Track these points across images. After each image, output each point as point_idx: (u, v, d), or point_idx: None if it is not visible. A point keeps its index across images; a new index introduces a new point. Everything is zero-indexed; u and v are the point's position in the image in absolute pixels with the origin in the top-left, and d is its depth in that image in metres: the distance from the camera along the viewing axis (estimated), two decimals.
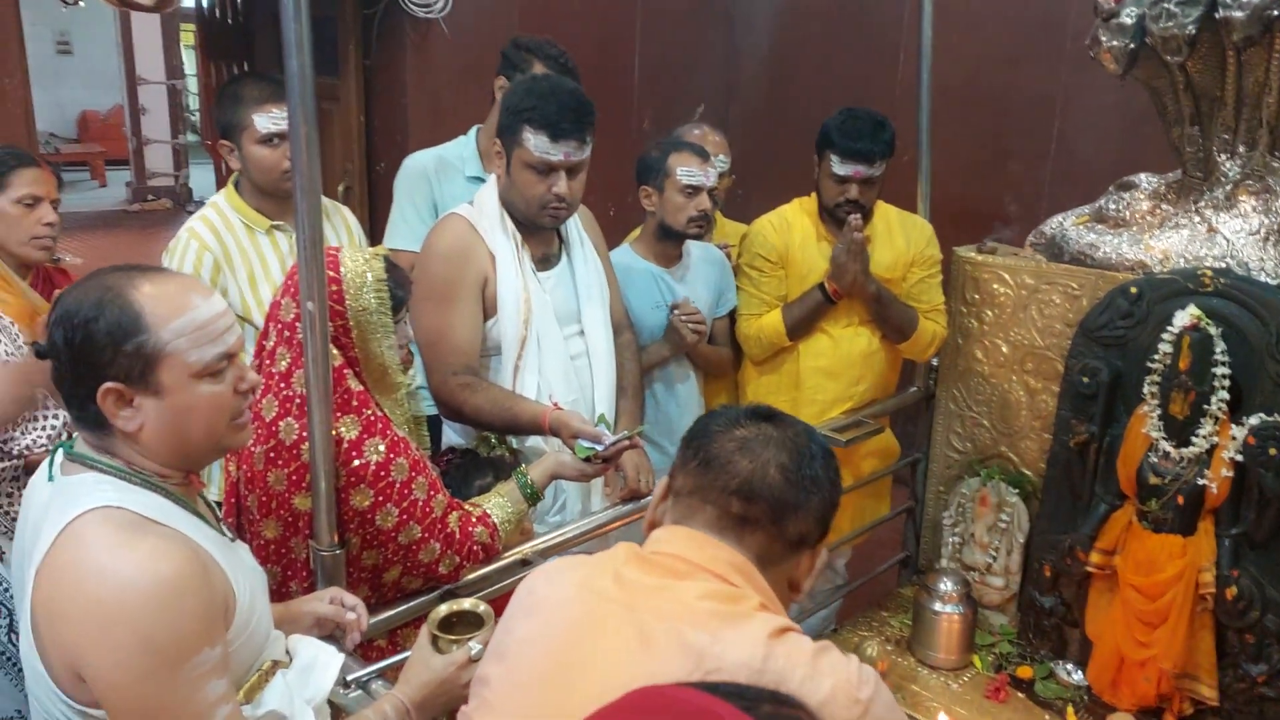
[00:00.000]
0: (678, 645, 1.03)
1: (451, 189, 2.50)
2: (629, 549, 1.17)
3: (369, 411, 1.60)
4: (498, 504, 1.78)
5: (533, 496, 1.82)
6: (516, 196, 2.03)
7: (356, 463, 1.56)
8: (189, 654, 1.09)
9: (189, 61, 10.80)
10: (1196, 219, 2.26)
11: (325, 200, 2.46)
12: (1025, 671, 2.35)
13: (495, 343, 2.05)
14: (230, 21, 4.73)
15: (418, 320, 2.07)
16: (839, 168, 2.46)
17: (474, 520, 1.73)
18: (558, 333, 2.08)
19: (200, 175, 10.76)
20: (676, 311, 2.46)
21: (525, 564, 1.82)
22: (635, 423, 2.19)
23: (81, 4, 7.90)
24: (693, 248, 2.60)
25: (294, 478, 1.56)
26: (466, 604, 1.44)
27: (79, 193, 11.14)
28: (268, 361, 1.62)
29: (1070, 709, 2.24)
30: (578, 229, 2.20)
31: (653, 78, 4.41)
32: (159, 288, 1.15)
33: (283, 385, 1.59)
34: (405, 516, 1.61)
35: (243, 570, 1.25)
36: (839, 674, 1.05)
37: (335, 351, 1.58)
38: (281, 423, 1.57)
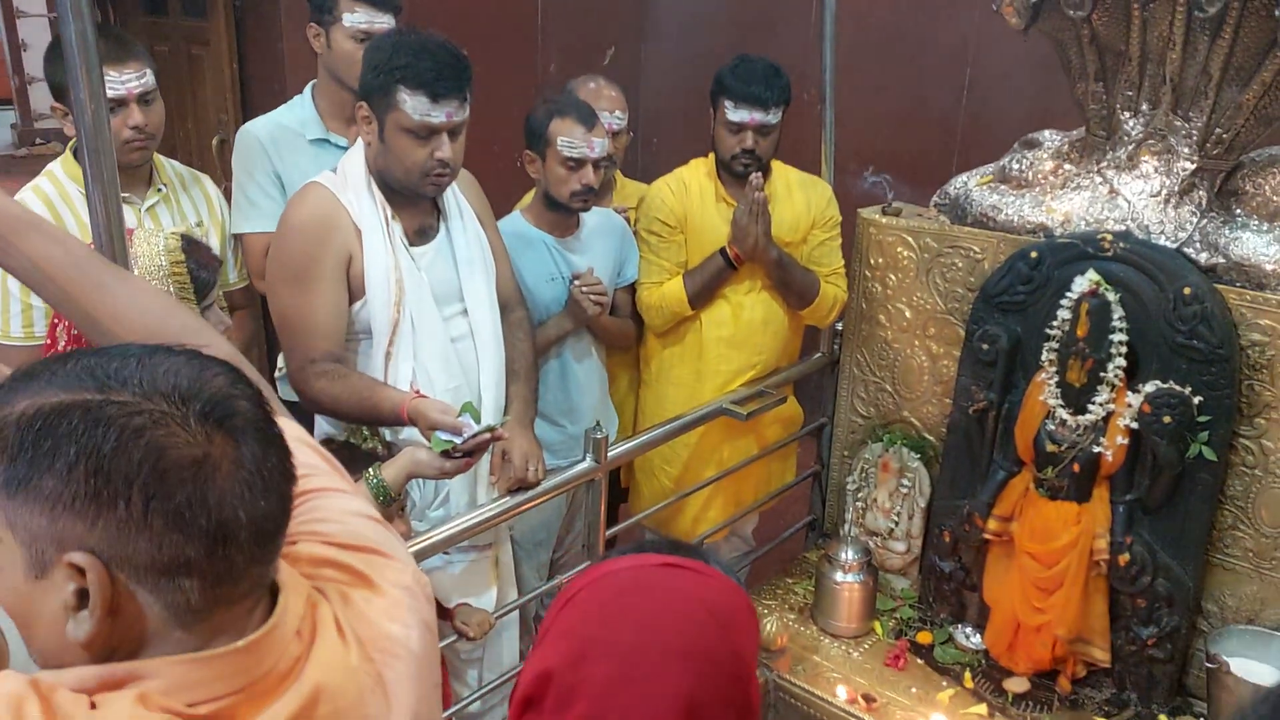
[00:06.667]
0: None
1: (295, 158, 2.26)
2: None
3: None
4: None
5: (385, 498, 1.66)
6: (394, 164, 1.85)
7: None
8: None
9: None
10: (1098, 180, 2.21)
11: (181, 169, 2.27)
12: (925, 637, 2.35)
13: (365, 326, 1.89)
14: None
15: (274, 302, 1.90)
16: (733, 113, 2.36)
17: None
18: (436, 314, 1.92)
19: None
20: (577, 283, 2.32)
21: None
22: (527, 408, 2.07)
23: None
24: (590, 215, 2.43)
25: None
26: None
27: None
28: None
29: (968, 674, 2.24)
30: (456, 197, 2.03)
31: (558, 18, 4.16)
32: None
33: None
34: None
35: None
36: None
37: None
38: None
